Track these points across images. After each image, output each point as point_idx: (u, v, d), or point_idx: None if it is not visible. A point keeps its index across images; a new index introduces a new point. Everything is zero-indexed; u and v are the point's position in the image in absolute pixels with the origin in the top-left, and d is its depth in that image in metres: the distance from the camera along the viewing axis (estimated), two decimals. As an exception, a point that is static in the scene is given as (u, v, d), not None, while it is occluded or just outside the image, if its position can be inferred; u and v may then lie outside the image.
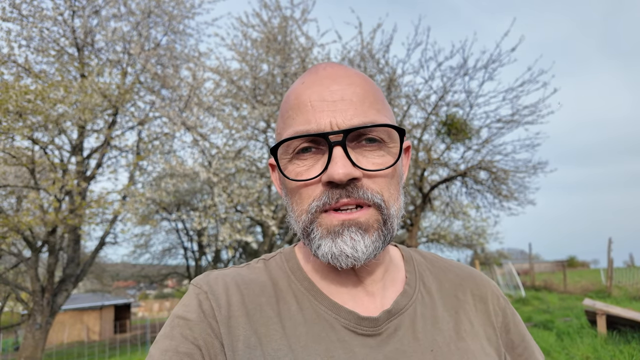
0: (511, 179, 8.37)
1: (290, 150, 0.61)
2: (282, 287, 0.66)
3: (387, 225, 0.60)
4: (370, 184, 0.59)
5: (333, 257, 0.58)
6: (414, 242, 8.33)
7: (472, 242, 13.54)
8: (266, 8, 7.56)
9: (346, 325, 0.61)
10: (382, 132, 0.60)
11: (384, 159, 0.60)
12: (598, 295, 11.61)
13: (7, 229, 6.50)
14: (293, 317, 0.62)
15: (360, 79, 0.63)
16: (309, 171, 0.59)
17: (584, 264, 43.29)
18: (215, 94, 8.00)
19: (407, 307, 0.66)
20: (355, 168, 0.57)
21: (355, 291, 0.66)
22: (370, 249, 0.58)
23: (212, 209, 7.92)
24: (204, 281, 0.65)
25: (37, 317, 7.64)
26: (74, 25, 7.69)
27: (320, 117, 0.58)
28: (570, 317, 8.13)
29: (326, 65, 0.65)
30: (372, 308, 0.64)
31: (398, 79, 7.83)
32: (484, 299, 0.72)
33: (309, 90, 0.61)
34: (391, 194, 0.61)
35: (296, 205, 0.61)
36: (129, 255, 15.49)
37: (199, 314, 0.60)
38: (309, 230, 0.60)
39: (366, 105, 0.60)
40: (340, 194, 0.57)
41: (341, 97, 0.59)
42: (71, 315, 20.93)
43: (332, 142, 0.56)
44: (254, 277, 0.67)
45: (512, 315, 0.74)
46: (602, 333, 5.62)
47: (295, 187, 0.61)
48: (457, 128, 7.72)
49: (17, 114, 6.24)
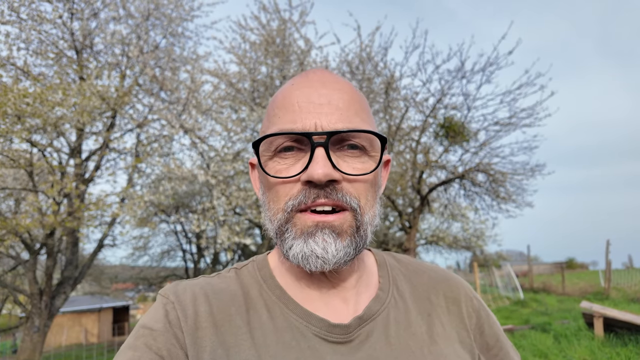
0: (509, 182, 8.39)
1: (272, 148, 0.61)
2: (253, 296, 0.65)
3: (360, 232, 0.60)
4: (348, 187, 0.59)
5: (303, 257, 0.58)
6: (412, 244, 8.35)
7: (471, 244, 13.54)
8: (265, 11, 7.59)
9: (317, 333, 0.61)
10: (365, 140, 0.61)
11: (364, 165, 0.61)
12: (596, 297, 11.62)
13: (5, 231, 6.49)
14: (263, 326, 0.61)
15: (348, 87, 0.64)
16: (289, 169, 0.60)
17: (583, 265, 43.29)
18: (214, 96, 8.02)
19: (380, 312, 0.65)
20: (335, 170, 0.57)
21: (328, 298, 0.65)
22: (341, 253, 0.58)
23: (210, 212, 7.93)
24: (171, 291, 0.64)
25: (35, 320, 7.63)
26: (72, 28, 7.70)
27: (306, 118, 0.59)
28: (568, 319, 8.14)
29: (317, 70, 0.66)
30: (345, 314, 0.64)
31: (396, 82, 7.86)
32: (457, 301, 0.72)
33: (298, 92, 0.62)
34: (367, 201, 0.61)
35: (273, 203, 0.62)
36: (128, 257, 15.46)
37: (165, 324, 0.60)
38: (283, 229, 0.60)
39: (351, 112, 0.61)
40: (317, 194, 0.58)
41: (328, 101, 0.60)
42: (70, 317, 20.88)
43: (315, 143, 0.57)
44: (224, 286, 0.66)
45: (486, 316, 0.74)
46: (600, 336, 5.63)
47: (273, 184, 0.61)
48: (455, 131, 7.74)
49: (16, 116, 6.24)
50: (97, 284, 17.54)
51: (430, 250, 15.59)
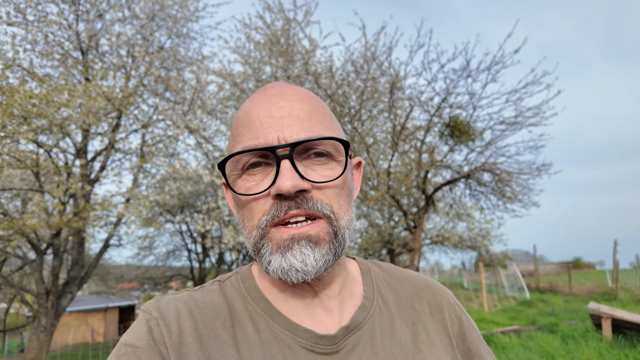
0: (515, 181, 8.33)
1: (239, 166, 0.61)
2: (238, 310, 0.65)
3: (338, 238, 0.60)
4: (319, 195, 0.59)
5: (283, 272, 0.58)
6: (417, 244, 8.31)
7: (476, 244, 13.48)
8: (269, 10, 7.58)
9: (304, 345, 0.61)
10: (329, 146, 0.61)
11: (332, 171, 0.61)
12: (604, 297, 11.52)
13: (11, 231, 6.53)
14: (249, 340, 0.61)
15: (308, 96, 0.65)
16: (258, 185, 0.60)
17: (590, 265, 42.98)
18: (219, 96, 8.03)
19: (365, 321, 0.66)
20: (303, 180, 0.57)
21: (312, 308, 0.65)
22: (321, 262, 0.58)
23: (215, 212, 7.93)
24: (154, 307, 0.63)
25: (41, 319, 7.68)
26: (78, 30, 7.73)
27: (268, 132, 0.59)
28: (575, 320, 8.07)
29: (275, 84, 0.66)
30: (330, 325, 0.64)
31: (401, 81, 7.82)
32: (440, 309, 0.73)
33: (258, 107, 0.62)
34: (340, 206, 0.61)
35: (247, 221, 0.62)
36: (133, 257, 15.55)
37: (148, 341, 0.58)
38: (259, 245, 0.60)
39: (313, 120, 0.61)
40: (289, 206, 0.58)
41: (289, 113, 0.60)
42: (76, 317, 21.02)
43: (280, 156, 0.57)
44: (207, 300, 0.65)
45: (467, 322, 0.75)
46: (608, 337, 5.57)
47: (245, 202, 0.61)
48: (460, 130, 7.69)
49: (22, 117, 6.27)
50: (104, 283, 17.65)
51: (436, 250, 15.54)
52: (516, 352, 5.42)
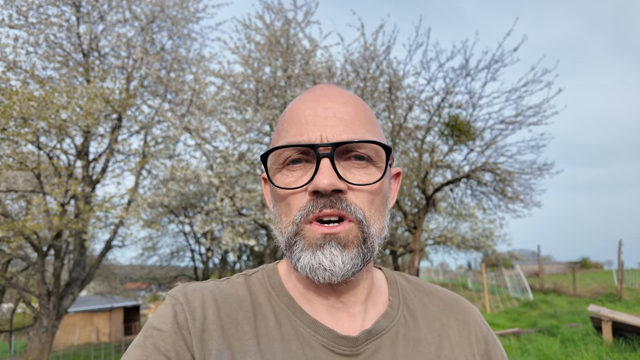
0: (516, 181, 8.25)
1: (280, 161, 0.62)
2: (261, 303, 0.66)
3: (367, 244, 0.60)
4: (353, 198, 0.60)
5: (311, 269, 0.59)
6: (417, 245, 8.25)
7: (480, 245, 13.39)
8: (269, 11, 7.57)
9: (324, 344, 0.61)
10: (370, 150, 0.61)
11: (370, 176, 0.61)
12: (608, 298, 11.37)
13: (12, 232, 6.58)
14: (270, 333, 0.62)
15: (354, 100, 0.66)
16: (297, 181, 0.61)
17: (598, 265, 42.57)
18: (218, 97, 8.03)
19: (389, 328, 0.65)
20: (340, 180, 0.58)
21: (335, 311, 0.65)
22: (349, 265, 0.58)
23: (214, 213, 7.94)
24: (180, 292, 0.65)
25: (43, 320, 7.73)
26: (79, 32, 7.77)
27: (312, 131, 0.60)
28: (577, 322, 7.97)
29: (324, 85, 0.68)
30: (352, 328, 0.64)
31: (400, 81, 7.78)
32: (467, 325, 0.72)
33: (304, 106, 0.64)
34: (372, 213, 0.61)
35: (284, 216, 0.62)
36: (137, 257, 15.64)
37: (173, 325, 0.60)
38: (292, 242, 0.61)
39: (357, 123, 0.62)
40: (324, 204, 0.58)
41: (333, 114, 0.62)
42: (81, 317, 21.19)
43: (320, 154, 0.58)
44: (232, 291, 0.67)
45: (493, 342, 0.74)
46: (608, 340, 5.48)
47: (283, 196, 0.62)
48: (460, 129, 7.63)
49: (22, 119, 6.31)
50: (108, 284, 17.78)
51: (439, 250, 15.47)
52: (514, 355, 5.36)
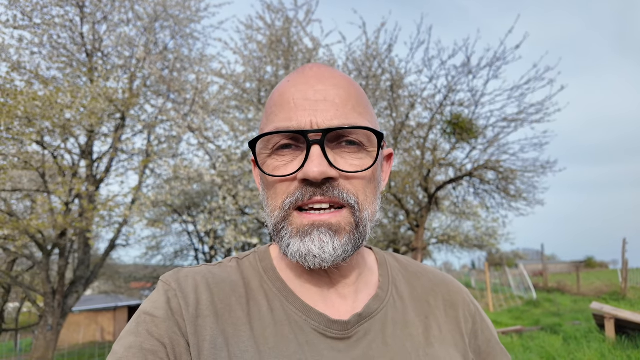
0: (519, 179, 8.23)
1: (270, 146, 0.61)
2: (254, 287, 0.65)
3: (360, 229, 0.60)
4: (346, 184, 0.59)
5: (301, 256, 0.58)
6: (420, 244, 8.25)
7: (483, 243, 13.34)
8: (270, 10, 7.59)
9: (316, 328, 0.61)
10: (362, 135, 0.60)
11: (362, 161, 0.60)
12: (612, 297, 11.31)
13: (17, 231, 6.63)
14: (263, 318, 0.62)
15: (346, 81, 0.63)
16: (287, 167, 0.60)
17: (603, 264, 42.31)
18: (220, 97, 8.06)
19: (378, 311, 0.65)
20: (331, 168, 0.57)
21: (327, 293, 0.65)
22: (339, 251, 0.58)
23: (217, 211, 7.97)
24: (173, 278, 0.64)
25: (48, 318, 7.79)
26: (82, 32, 7.82)
27: (302, 116, 0.59)
28: (580, 320, 7.94)
29: (313, 65, 0.65)
30: (344, 311, 0.64)
31: (403, 79, 7.78)
32: (454, 305, 0.72)
33: (294, 89, 0.61)
34: (366, 197, 0.61)
35: (271, 200, 0.62)
36: (141, 257, 15.70)
37: (167, 311, 0.60)
38: (280, 227, 0.60)
39: (348, 107, 0.60)
40: (314, 192, 0.58)
41: (324, 98, 0.60)
42: (86, 316, 21.31)
43: (311, 141, 0.57)
44: (225, 276, 0.66)
45: (481, 321, 0.74)
46: (611, 338, 5.47)
47: (271, 182, 0.61)
48: (462, 127, 7.62)
49: (27, 119, 6.37)
50: (112, 283, 17.86)
51: (442, 249, 15.44)
52: (516, 353, 5.35)
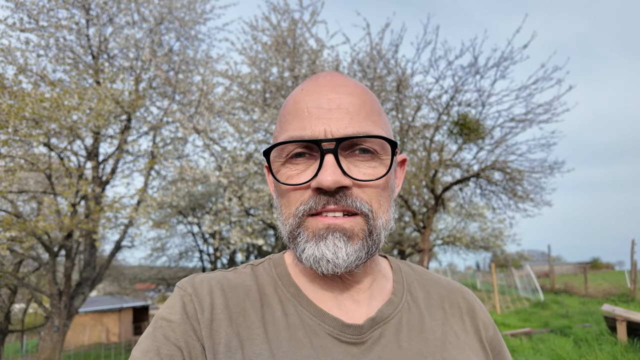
0: (526, 180, 8.17)
1: (284, 154, 0.62)
2: (268, 292, 0.66)
3: (373, 237, 0.60)
4: (359, 193, 0.59)
5: (315, 260, 0.59)
6: (426, 245, 8.20)
7: (489, 245, 13.28)
8: (275, 11, 7.58)
9: (330, 332, 0.61)
10: (375, 144, 0.60)
11: (375, 170, 0.60)
12: (621, 299, 11.21)
13: (24, 233, 6.65)
14: (276, 322, 0.62)
15: (359, 89, 0.64)
16: (300, 176, 0.60)
17: (609, 265, 42.04)
18: (226, 98, 8.06)
19: (393, 315, 0.66)
20: (345, 176, 0.57)
21: (341, 299, 0.66)
22: (353, 257, 0.58)
23: (222, 213, 7.97)
24: (189, 283, 0.65)
25: (54, 319, 7.80)
26: (88, 34, 7.84)
27: (315, 124, 0.59)
28: (589, 322, 7.86)
29: (327, 73, 0.66)
30: (358, 316, 0.64)
31: (408, 79, 7.74)
32: (471, 313, 0.73)
33: (308, 97, 0.62)
34: (380, 205, 0.61)
35: (285, 208, 0.62)
36: (146, 258, 15.74)
37: (182, 316, 0.61)
38: (295, 233, 0.61)
39: (362, 116, 0.60)
40: (327, 201, 0.58)
41: (337, 106, 0.60)
42: (92, 317, 21.37)
43: (324, 150, 0.57)
44: (239, 281, 0.67)
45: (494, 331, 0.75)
46: (622, 340, 5.40)
47: (285, 190, 0.62)
48: (469, 128, 7.57)
49: (34, 121, 6.39)
50: (118, 284, 17.92)
51: (448, 250, 15.36)
52: (527, 355, 5.30)
